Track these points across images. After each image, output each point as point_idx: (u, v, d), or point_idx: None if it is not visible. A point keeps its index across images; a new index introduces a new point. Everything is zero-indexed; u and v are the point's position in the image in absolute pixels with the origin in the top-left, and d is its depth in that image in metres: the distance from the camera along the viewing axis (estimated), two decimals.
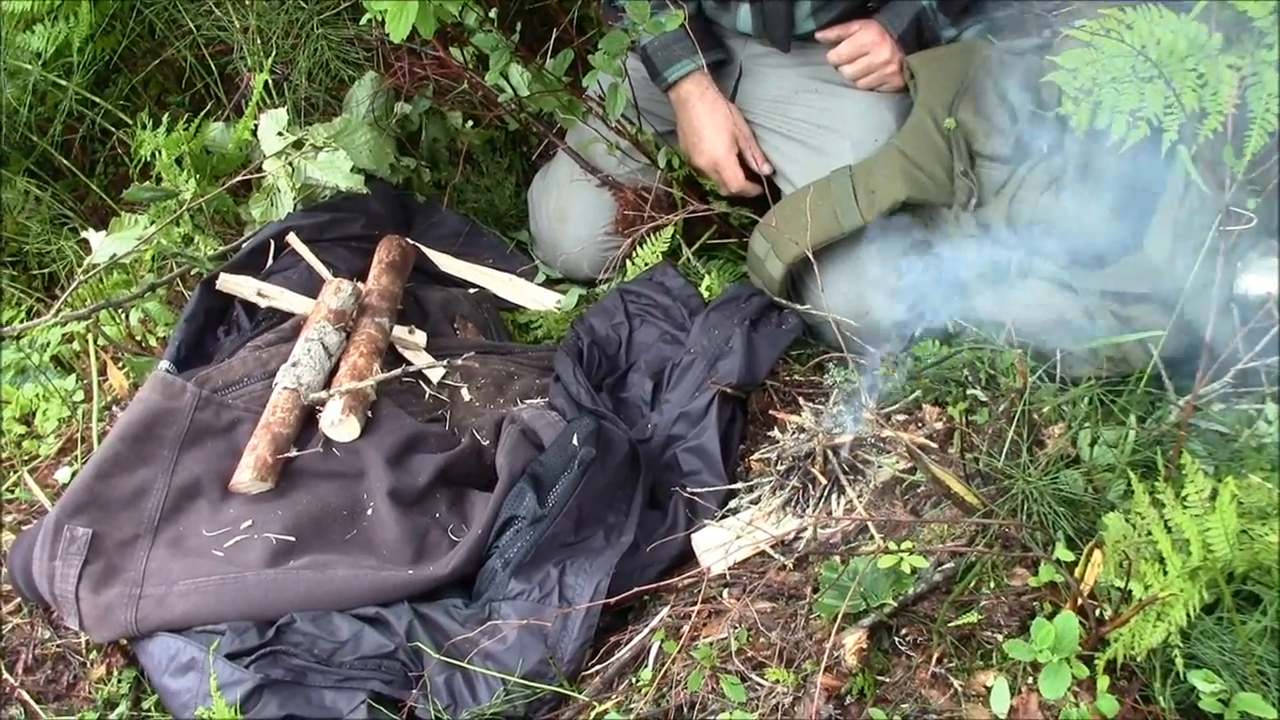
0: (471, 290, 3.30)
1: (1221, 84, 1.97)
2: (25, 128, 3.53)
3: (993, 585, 2.02)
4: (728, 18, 3.05)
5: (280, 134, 3.15)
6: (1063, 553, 1.94)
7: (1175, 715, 1.78)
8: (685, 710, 2.02)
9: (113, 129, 3.62)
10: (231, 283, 2.92)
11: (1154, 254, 2.32)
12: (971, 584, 2.03)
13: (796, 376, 2.85)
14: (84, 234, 3.23)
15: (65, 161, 3.60)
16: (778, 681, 1.96)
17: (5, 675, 2.35)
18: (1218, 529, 1.69)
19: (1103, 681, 1.78)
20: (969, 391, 2.41)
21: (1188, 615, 1.72)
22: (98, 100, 3.57)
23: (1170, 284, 2.25)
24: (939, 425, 2.39)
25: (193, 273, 3.11)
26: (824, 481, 2.43)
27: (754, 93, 3.12)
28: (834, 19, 2.92)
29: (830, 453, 2.46)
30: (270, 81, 3.34)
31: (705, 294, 3.03)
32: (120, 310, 3.08)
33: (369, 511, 2.50)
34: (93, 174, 3.69)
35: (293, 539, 2.42)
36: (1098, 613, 1.84)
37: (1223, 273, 2.06)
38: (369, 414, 2.66)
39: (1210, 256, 2.08)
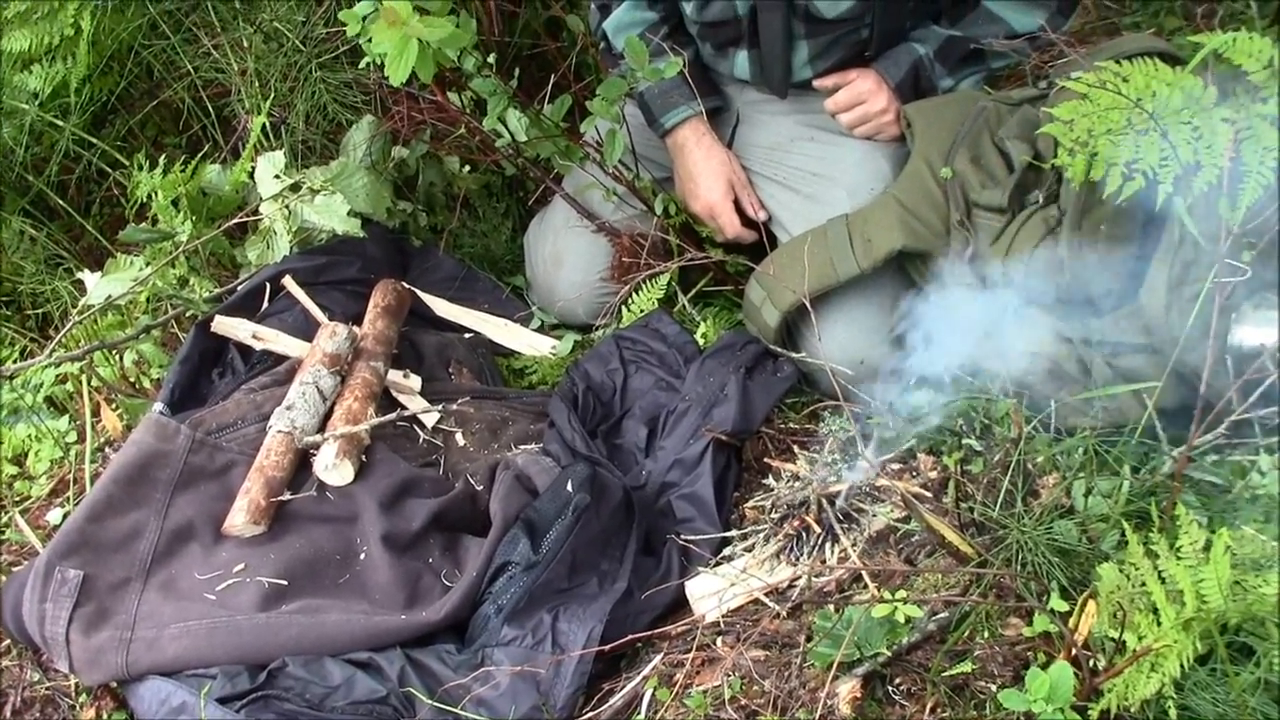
0: (467, 335, 3.30)
1: (1216, 137, 1.99)
2: (21, 167, 3.54)
3: (987, 635, 2.02)
4: (725, 64, 3.06)
5: (277, 177, 3.16)
6: (1057, 603, 1.94)
7: None
8: None
9: (109, 170, 3.63)
10: (226, 325, 2.92)
11: (1149, 305, 2.32)
12: (966, 633, 2.02)
13: (791, 424, 2.85)
14: (79, 275, 3.23)
15: (61, 202, 3.61)
16: None
17: None
18: (1212, 580, 1.69)
19: None
20: (964, 441, 2.41)
21: (1181, 666, 1.71)
22: (94, 141, 3.58)
23: (1165, 335, 2.26)
24: (934, 474, 2.40)
25: (188, 315, 3.11)
26: (818, 530, 2.43)
27: (751, 140, 3.13)
28: (831, 67, 2.93)
29: (825, 501, 2.46)
30: (268, 124, 3.34)
31: (701, 341, 3.03)
32: (115, 351, 3.08)
33: (362, 556, 2.50)
34: (88, 214, 3.69)
35: (285, 583, 2.41)
36: (1092, 663, 1.84)
37: (1217, 325, 2.06)
38: (363, 458, 2.65)
39: (1205, 309, 2.08)
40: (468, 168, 3.62)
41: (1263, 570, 1.80)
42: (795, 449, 2.74)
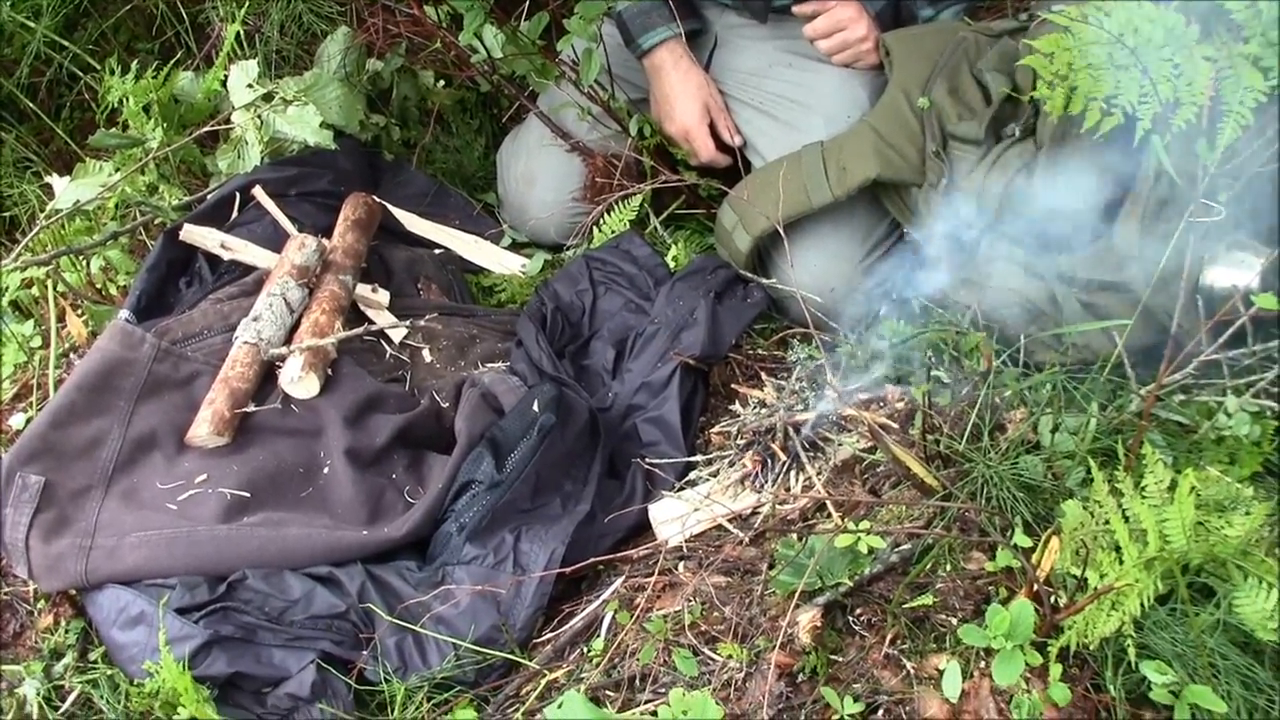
0: (437, 251, 3.28)
1: (1197, 75, 1.97)
2: None
3: (949, 568, 2.02)
4: None
5: (250, 86, 3.12)
6: (1020, 538, 1.94)
7: (1126, 705, 1.78)
8: (636, 682, 2.02)
9: (80, 74, 3.58)
10: (195, 234, 2.89)
11: (1122, 243, 2.32)
12: (928, 566, 2.03)
13: (760, 351, 2.85)
14: (47, 179, 3.19)
15: (31, 105, 3.56)
16: (730, 657, 1.96)
17: None
18: (1175, 520, 1.70)
19: (1055, 669, 1.79)
20: (932, 373, 2.40)
21: (1142, 605, 1.73)
22: (66, 44, 3.52)
23: (1137, 274, 2.25)
24: (900, 405, 2.39)
25: (156, 222, 3.08)
26: (783, 458, 2.43)
27: (728, 64, 3.10)
28: None
29: (791, 429, 2.46)
30: (242, 33, 3.30)
31: (671, 264, 3.02)
32: (81, 257, 3.05)
33: (325, 470, 2.49)
34: (58, 118, 3.65)
35: (247, 495, 2.40)
36: (1052, 600, 1.84)
37: (1190, 265, 2.06)
38: (329, 372, 2.64)
39: (1178, 248, 2.08)
40: (442, 83, 3.58)
41: (1226, 512, 1.81)
42: (763, 376, 2.73)
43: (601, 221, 3.16)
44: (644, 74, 3.10)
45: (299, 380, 2.56)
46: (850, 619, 1.98)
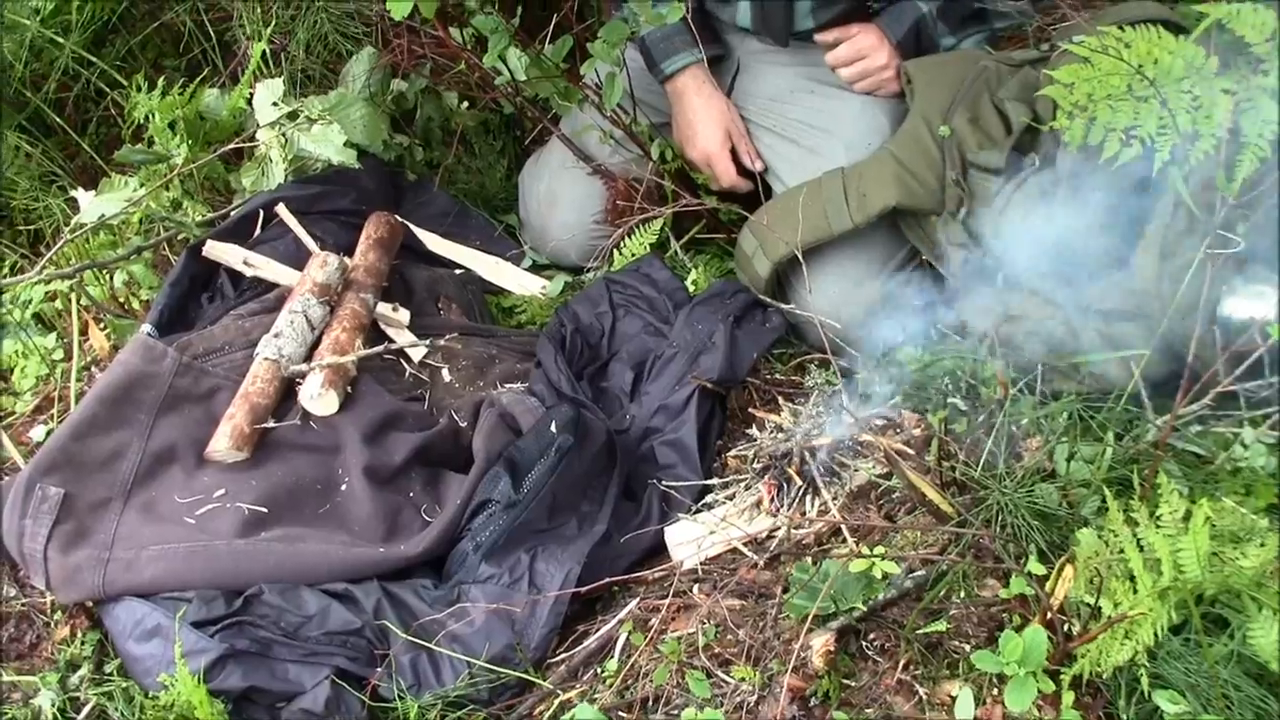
0: (458, 271, 3.29)
1: (1216, 107, 1.97)
2: (20, 83, 3.51)
3: (963, 595, 2.02)
4: (727, 12, 3.04)
5: (275, 104, 3.14)
6: (1035, 566, 1.94)
7: None
8: (649, 703, 2.02)
9: (107, 89, 3.60)
10: (218, 250, 2.91)
11: (1140, 273, 2.32)
12: (942, 592, 2.03)
13: (778, 375, 2.86)
14: (73, 193, 3.21)
15: (58, 119, 3.58)
16: (743, 679, 1.96)
17: None
18: (1190, 550, 1.70)
19: (1068, 697, 1.79)
20: (949, 400, 2.41)
21: (1155, 635, 1.72)
22: (94, 60, 3.54)
23: (1155, 304, 2.26)
24: (917, 432, 2.40)
25: (180, 238, 3.10)
26: (799, 482, 2.43)
27: (750, 90, 3.11)
28: (833, 19, 2.92)
29: (807, 453, 2.47)
30: (268, 51, 3.32)
31: (691, 288, 3.03)
32: (105, 271, 3.07)
33: (343, 487, 2.50)
34: (85, 133, 3.67)
35: (265, 510, 2.41)
36: (1066, 628, 1.85)
37: (1208, 296, 2.06)
38: (349, 389, 2.65)
39: (1196, 279, 2.08)
40: (466, 104, 3.60)
41: (1241, 543, 1.81)
42: (780, 400, 2.74)
43: (622, 245, 3.17)
44: (666, 99, 3.11)
45: (319, 397, 2.58)
46: (864, 644, 1.98)
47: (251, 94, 3.20)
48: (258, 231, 3.04)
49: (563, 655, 2.28)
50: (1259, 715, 1.77)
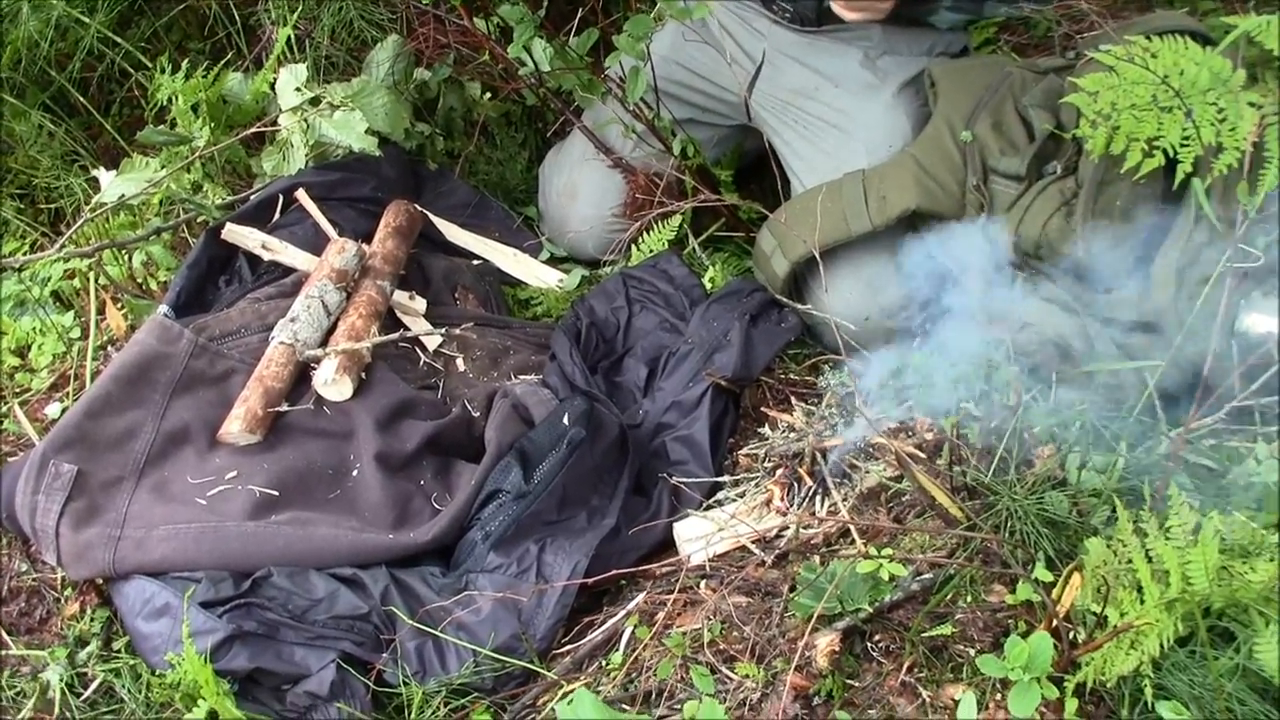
0: (475, 262, 3.30)
1: (1241, 120, 1.97)
2: (45, 62, 3.52)
3: (969, 599, 2.02)
4: None
5: (298, 89, 3.15)
6: (1042, 573, 1.94)
7: None
8: (653, 697, 2.03)
9: (131, 70, 3.61)
10: (237, 233, 2.92)
11: (1158, 285, 2.32)
12: (948, 596, 2.03)
13: (792, 375, 2.86)
14: (94, 172, 3.23)
15: (81, 99, 3.59)
16: (747, 676, 1.96)
17: None
18: (1198, 563, 1.69)
19: (1071, 704, 1.78)
20: (962, 405, 2.41)
21: (1161, 646, 1.72)
22: (119, 40, 3.55)
23: (1172, 316, 2.25)
24: (929, 436, 2.39)
25: (199, 220, 3.11)
26: (810, 482, 2.43)
27: (775, 83, 3.08)
28: None
29: (819, 454, 2.47)
30: (292, 36, 3.33)
31: (708, 285, 3.03)
32: (124, 251, 3.08)
33: (354, 473, 2.51)
34: (108, 114, 3.68)
35: (276, 493, 2.42)
36: (1072, 635, 1.84)
37: (1225, 309, 2.06)
38: (363, 376, 2.66)
39: (1215, 292, 2.08)
40: (489, 94, 3.60)
41: (1250, 557, 1.81)
42: (793, 400, 2.74)
43: (640, 239, 3.18)
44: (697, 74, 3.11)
45: (333, 383, 2.58)
46: (868, 645, 1.98)
47: (275, 79, 3.21)
48: (277, 216, 3.05)
49: (568, 646, 2.28)
50: None
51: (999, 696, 1.83)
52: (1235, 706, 1.76)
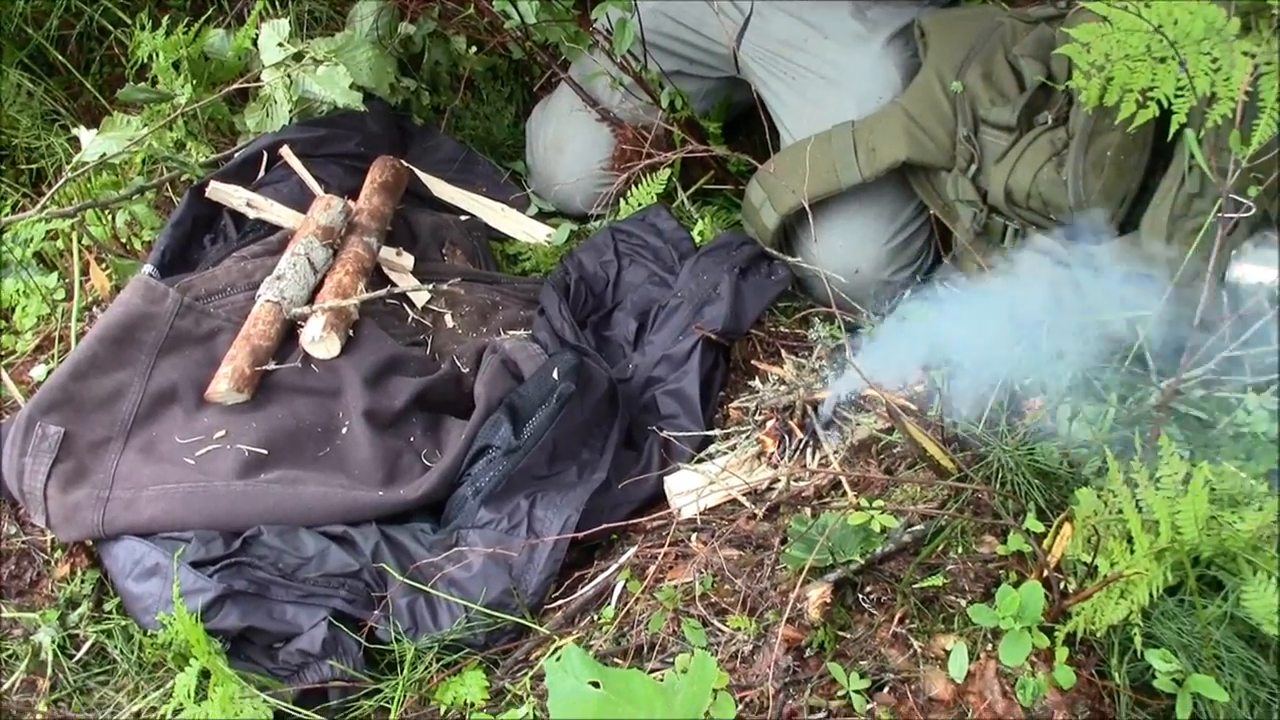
0: (463, 217, 3.28)
1: (1235, 70, 1.96)
2: (21, 19, 3.49)
3: (960, 550, 2.02)
4: None
5: (281, 45, 3.12)
6: (1033, 523, 1.94)
7: (1130, 691, 1.79)
8: (645, 650, 2.03)
9: (110, 27, 3.58)
10: (221, 191, 2.90)
11: (1149, 235, 2.31)
12: (939, 547, 2.03)
13: (782, 328, 2.85)
14: (75, 131, 3.20)
15: (60, 57, 3.56)
16: (739, 629, 1.97)
17: None
18: (1188, 512, 1.70)
19: (1061, 653, 1.79)
20: (952, 356, 2.40)
21: (1151, 595, 1.72)
22: None
23: (1163, 266, 2.25)
24: (920, 388, 2.39)
25: (183, 178, 3.09)
26: (800, 435, 2.43)
27: (763, 33, 3.04)
28: None
29: (809, 407, 2.46)
30: None
31: (697, 239, 3.02)
32: (107, 211, 3.06)
33: (344, 430, 2.50)
34: (87, 72, 3.65)
35: (265, 452, 2.41)
36: (1062, 585, 1.85)
37: (1217, 259, 2.05)
38: (350, 333, 2.65)
39: (1206, 242, 2.07)
40: (474, 48, 3.57)
41: (1239, 507, 1.81)
42: (784, 353, 2.74)
43: (629, 194, 3.16)
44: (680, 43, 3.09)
45: (320, 340, 2.57)
46: (860, 596, 1.99)
47: (257, 34, 3.18)
48: (261, 173, 3.02)
49: (560, 601, 2.28)
50: (1249, 676, 1.77)
51: (990, 646, 1.83)
52: (1223, 654, 1.77)
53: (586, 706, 1.23)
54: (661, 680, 1.33)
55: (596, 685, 1.24)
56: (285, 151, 3.00)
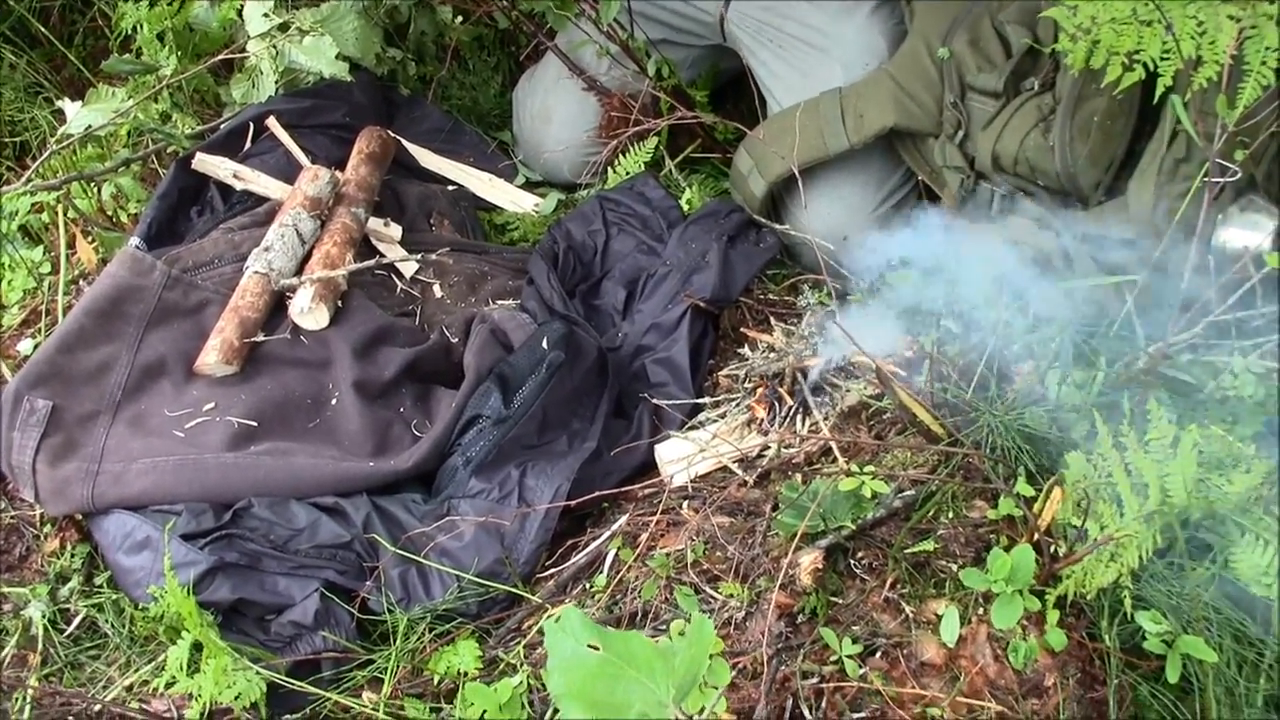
0: (450, 187, 3.27)
1: (1220, 33, 1.96)
2: None
3: (951, 515, 2.03)
4: None
5: (266, 15, 3.11)
6: (1023, 487, 1.95)
7: (1120, 653, 1.80)
8: (638, 618, 2.04)
9: None
10: (208, 163, 2.89)
11: (1136, 200, 2.31)
12: (930, 512, 2.04)
13: (770, 296, 2.85)
14: (59, 104, 3.18)
15: (43, 29, 3.54)
16: (731, 596, 1.97)
17: None
18: (1177, 476, 1.71)
19: (1052, 616, 1.80)
20: (942, 322, 2.40)
21: (1140, 557, 1.73)
22: None
23: (1150, 231, 2.25)
24: (910, 354, 2.39)
25: (169, 150, 3.08)
26: (790, 402, 2.43)
27: (749, 4, 3.05)
28: None
29: (799, 373, 2.47)
30: None
31: (685, 207, 3.01)
32: (92, 183, 3.04)
33: (333, 401, 2.50)
34: (71, 44, 3.63)
35: (255, 424, 2.41)
36: (1053, 549, 1.86)
37: (1203, 224, 2.05)
38: (339, 304, 2.64)
39: (1192, 207, 2.07)
40: (460, 18, 3.56)
41: (1227, 469, 1.82)
42: (773, 320, 2.74)
43: (616, 162, 3.16)
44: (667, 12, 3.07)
45: (309, 311, 2.57)
46: (851, 562, 1.99)
47: (242, 5, 3.16)
48: (248, 145, 3.02)
49: (552, 570, 2.29)
50: (1237, 637, 1.78)
51: (981, 610, 1.84)
52: (1211, 615, 1.78)
53: (586, 668, 1.24)
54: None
55: (596, 648, 1.24)
56: (271, 122, 3.00)
